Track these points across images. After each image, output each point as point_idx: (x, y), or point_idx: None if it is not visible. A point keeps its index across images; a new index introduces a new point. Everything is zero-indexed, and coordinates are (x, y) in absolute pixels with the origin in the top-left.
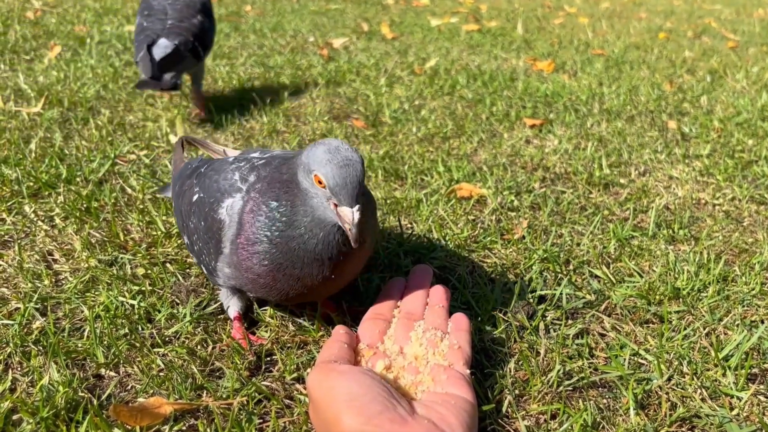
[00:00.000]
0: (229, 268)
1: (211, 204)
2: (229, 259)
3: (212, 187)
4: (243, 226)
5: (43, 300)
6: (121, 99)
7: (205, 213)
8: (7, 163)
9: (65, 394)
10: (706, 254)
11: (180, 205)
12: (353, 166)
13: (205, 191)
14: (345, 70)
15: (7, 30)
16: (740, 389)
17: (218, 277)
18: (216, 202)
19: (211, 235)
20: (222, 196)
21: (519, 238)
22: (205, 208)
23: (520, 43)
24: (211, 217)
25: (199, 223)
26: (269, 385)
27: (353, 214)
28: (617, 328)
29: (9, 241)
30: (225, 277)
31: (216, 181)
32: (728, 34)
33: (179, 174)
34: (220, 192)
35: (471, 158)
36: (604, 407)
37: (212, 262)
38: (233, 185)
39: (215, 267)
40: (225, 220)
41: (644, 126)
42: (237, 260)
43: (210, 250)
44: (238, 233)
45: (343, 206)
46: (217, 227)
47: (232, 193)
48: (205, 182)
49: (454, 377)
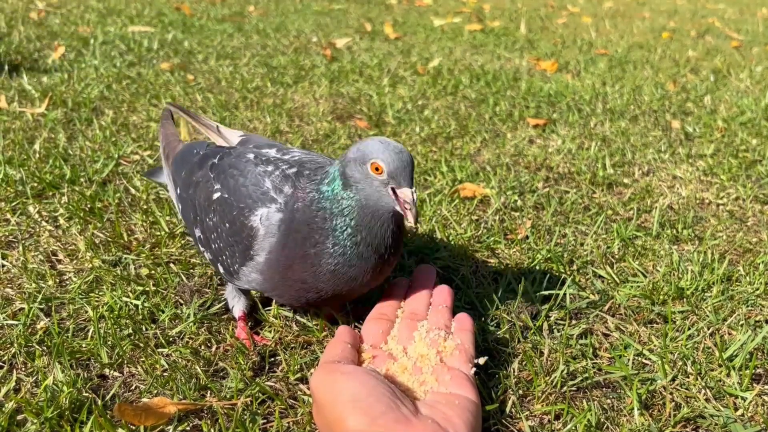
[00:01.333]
0: (260, 275)
1: (241, 209)
2: (263, 267)
3: (240, 191)
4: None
5: (47, 300)
6: (124, 99)
7: (233, 216)
8: (11, 163)
9: (69, 395)
10: (710, 254)
11: (191, 196)
12: (406, 153)
13: (230, 192)
14: (348, 70)
15: (11, 31)
16: (744, 389)
17: (239, 279)
18: (248, 209)
19: (239, 240)
20: (255, 204)
21: (522, 238)
22: (232, 212)
23: (523, 43)
24: (240, 222)
25: (223, 224)
26: (273, 385)
27: (413, 194)
28: (621, 329)
29: (13, 242)
30: (248, 281)
31: (244, 185)
32: (732, 33)
33: (181, 159)
34: (251, 199)
35: (474, 158)
36: (608, 407)
37: (235, 265)
38: (266, 194)
39: (238, 270)
40: (259, 229)
41: (648, 126)
42: (278, 269)
43: (234, 254)
44: (279, 244)
45: (403, 187)
46: (247, 234)
47: (266, 202)
48: (230, 183)
49: (458, 377)
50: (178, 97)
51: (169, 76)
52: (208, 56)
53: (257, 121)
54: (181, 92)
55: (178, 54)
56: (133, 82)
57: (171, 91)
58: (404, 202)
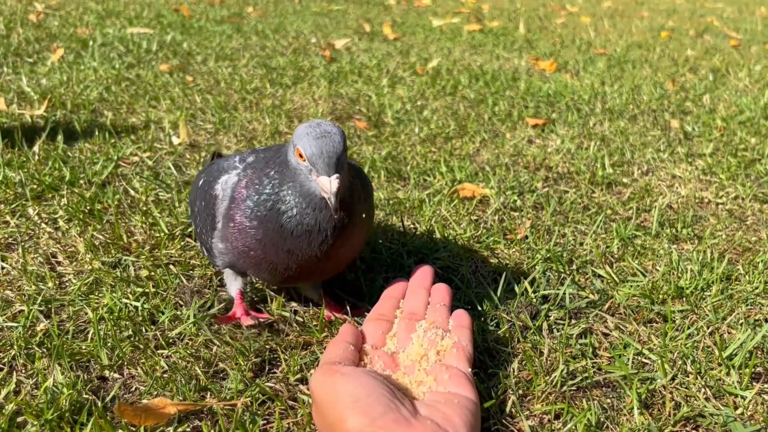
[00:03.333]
0: (222, 242)
1: (210, 183)
2: (222, 233)
3: (214, 169)
4: (235, 199)
5: (47, 302)
6: (123, 101)
7: (205, 192)
8: (10, 165)
9: (69, 396)
10: (709, 253)
11: (193, 200)
12: (330, 137)
13: (208, 175)
14: (347, 70)
15: (10, 32)
16: (744, 388)
17: (215, 256)
18: (214, 180)
19: (208, 211)
20: (219, 174)
21: (522, 238)
22: (205, 188)
23: (522, 43)
24: (209, 194)
25: (201, 203)
26: (273, 386)
27: (331, 182)
28: (621, 328)
29: (13, 244)
30: (219, 254)
31: (218, 164)
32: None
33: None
34: (218, 171)
35: (473, 158)
36: (608, 407)
37: (209, 239)
38: (231, 165)
39: (211, 245)
40: (218, 195)
41: (647, 125)
42: (228, 233)
43: (207, 228)
44: (229, 207)
45: (322, 175)
46: (212, 203)
47: (228, 170)
48: (211, 167)
49: (457, 376)
50: (178, 98)
51: (168, 78)
52: (207, 57)
53: (256, 122)
54: (180, 94)
55: (177, 55)
56: (133, 84)
57: (170, 93)
58: (323, 191)
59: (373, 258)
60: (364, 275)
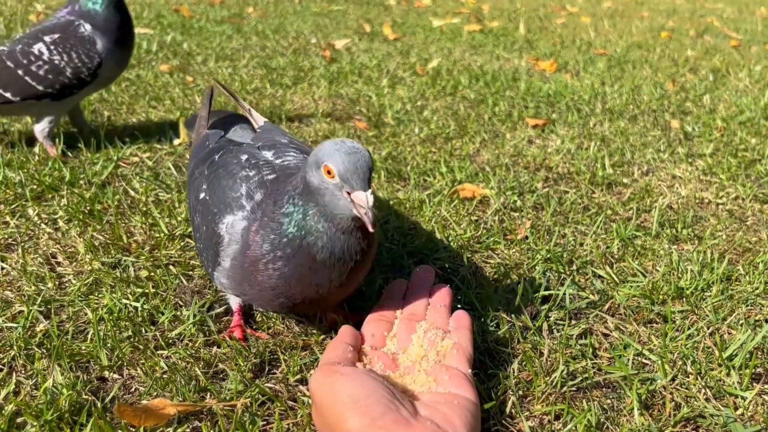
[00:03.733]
0: (227, 279)
1: (214, 215)
2: (230, 273)
3: (217, 195)
4: (251, 245)
5: (46, 303)
6: (123, 101)
7: (208, 220)
8: (10, 166)
9: (69, 397)
10: (709, 253)
11: (190, 190)
12: (361, 153)
13: (211, 195)
14: (347, 71)
15: (10, 33)
16: (744, 389)
17: (215, 281)
18: (219, 214)
19: (211, 245)
20: (224, 210)
21: (522, 239)
22: (208, 216)
23: (523, 43)
24: (212, 228)
25: (202, 226)
26: (273, 386)
27: (367, 197)
28: (621, 328)
29: (13, 244)
30: (221, 286)
31: (223, 189)
32: (731, 32)
33: (196, 148)
34: (223, 204)
35: (474, 159)
36: (608, 408)
37: (209, 267)
38: (236, 201)
39: (213, 274)
40: (224, 237)
41: (647, 125)
42: (237, 274)
43: (209, 257)
44: (243, 251)
45: (357, 191)
46: (216, 240)
47: (234, 209)
48: (213, 183)
49: (457, 377)
50: (178, 99)
51: (169, 78)
52: (207, 58)
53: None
54: (180, 94)
55: (177, 56)
56: (132, 84)
57: (170, 93)
58: (359, 206)
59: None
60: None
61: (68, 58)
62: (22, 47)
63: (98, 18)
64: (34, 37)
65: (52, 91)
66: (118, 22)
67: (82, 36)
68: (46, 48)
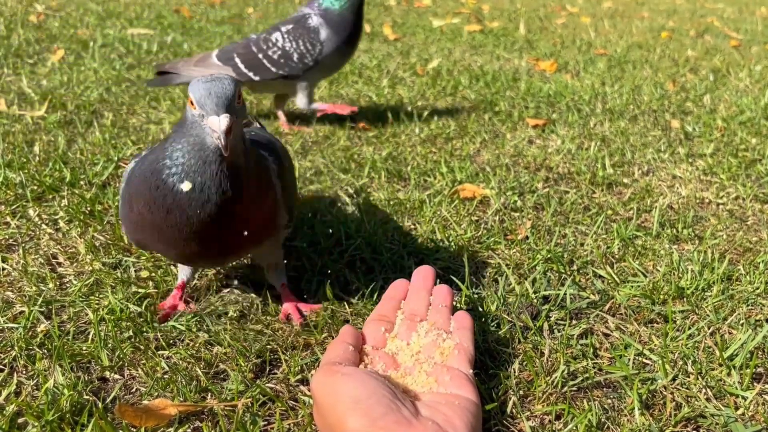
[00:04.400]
0: (123, 224)
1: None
2: (122, 214)
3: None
4: (132, 180)
5: (47, 303)
6: (124, 102)
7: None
8: (11, 166)
9: (70, 397)
10: (710, 253)
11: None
12: (219, 81)
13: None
14: (347, 71)
15: (10, 34)
16: (745, 388)
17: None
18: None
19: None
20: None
21: (522, 239)
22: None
23: (523, 44)
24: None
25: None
26: (273, 387)
27: (220, 120)
28: (621, 328)
29: (13, 245)
30: (128, 233)
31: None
32: (731, 32)
33: None
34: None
35: (474, 159)
36: (609, 407)
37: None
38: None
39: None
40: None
41: (647, 125)
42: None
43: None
44: (128, 188)
45: (210, 116)
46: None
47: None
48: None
49: (458, 377)
50: (178, 99)
51: None
52: None
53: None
54: (181, 95)
55: (177, 56)
56: (133, 85)
57: (170, 93)
58: (212, 131)
59: (373, 259)
60: (364, 276)
61: (296, 45)
62: (265, 36)
63: (332, 14)
64: (275, 27)
65: (283, 72)
66: (351, 21)
67: (308, 27)
68: (281, 36)
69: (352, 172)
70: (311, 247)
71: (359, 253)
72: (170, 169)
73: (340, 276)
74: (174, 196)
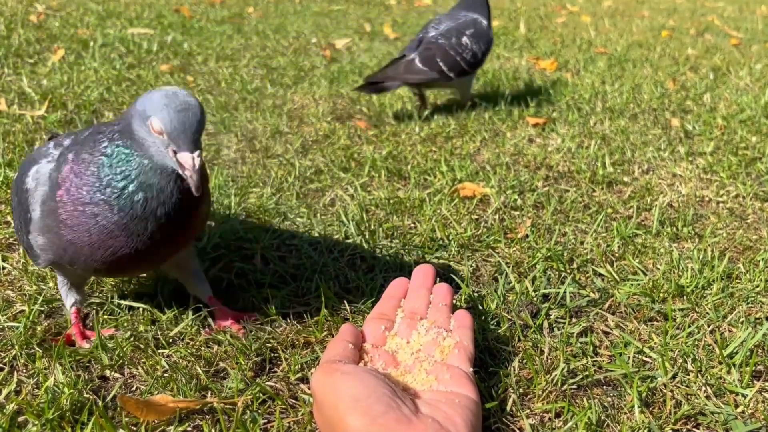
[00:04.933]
0: (42, 235)
1: (21, 177)
2: (41, 223)
3: (24, 162)
4: (61, 185)
5: (48, 302)
6: (124, 102)
7: (17, 188)
8: (11, 166)
9: (70, 396)
10: (710, 251)
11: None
12: (192, 110)
13: (20, 168)
14: (348, 70)
15: (10, 33)
16: (745, 386)
17: (36, 254)
18: (24, 173)
19: (22, 207)
20: (29, 164)
21: (522, 237)
22: (17, 183)
23: (523, 42)
24: (20, 189)
25: (15, 199)
26: (273, 385)
27: (194, 159)
28: (621, 326)
29: (14, 244)
30: (40, 250)
31: (28, 155)
32: (731, 31)
33: None
34: (29, 162)
35: (474, 158)
36: (609, 405)
37: (26, 236)
38: (43, 152)
39: (29, 242)
40: (31, 186)
41: (647, 124)
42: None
43: (22, 225)
44: (53, 193)
45: (183, 152)
46: (24, 196)
47: (39, 159)
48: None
49: (458, 375)
50: None
51: (169, 78)
52: (207, 58)
53: (257, 122)
54: None
55: (177, 56)
56: (133, 84)
57: None
58: (184, 168)
59: (373, 258)
60: (365, 274)
61: (478, 46)
62: (456, 40)
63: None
64: (457, 32)
65: (468, 69)
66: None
67: (483, 29)
68: (468, 39)
69: (353, 171)
70: (311, 247)
71: (359, 252)
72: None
73: (340, 274)
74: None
